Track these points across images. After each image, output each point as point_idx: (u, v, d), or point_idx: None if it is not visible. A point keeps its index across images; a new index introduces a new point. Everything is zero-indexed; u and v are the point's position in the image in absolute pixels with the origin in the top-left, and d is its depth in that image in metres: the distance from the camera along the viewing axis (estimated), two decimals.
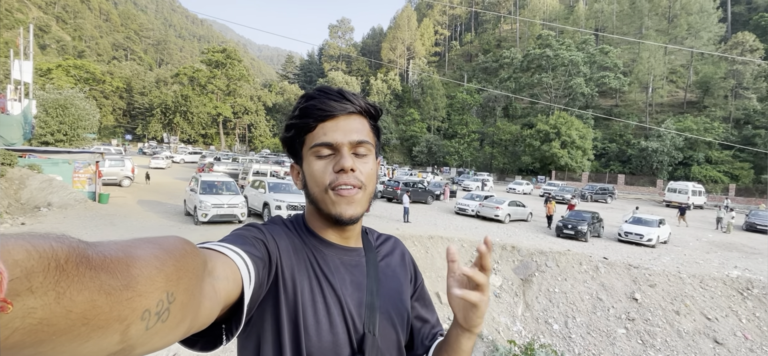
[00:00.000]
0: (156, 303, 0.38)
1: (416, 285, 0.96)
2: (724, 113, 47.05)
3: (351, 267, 0.83)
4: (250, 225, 0.76)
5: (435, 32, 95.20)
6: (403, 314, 0.87)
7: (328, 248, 0.82)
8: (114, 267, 0.34)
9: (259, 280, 0.64)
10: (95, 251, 0.34)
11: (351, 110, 0.79)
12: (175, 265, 0.41)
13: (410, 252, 1.00)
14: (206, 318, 0.50)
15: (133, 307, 0.35)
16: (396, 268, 0.91)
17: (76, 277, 0.31)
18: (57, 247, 0.30)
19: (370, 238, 0.93)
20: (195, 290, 0.45)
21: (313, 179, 0.78)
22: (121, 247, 0.37)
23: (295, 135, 0.80)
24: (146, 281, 0.37)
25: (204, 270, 0.49)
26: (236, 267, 0.58)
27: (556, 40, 54.24)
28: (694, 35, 52.30)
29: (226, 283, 0.55)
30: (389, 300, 0.85)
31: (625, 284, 12.79)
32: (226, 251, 0.60)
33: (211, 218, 12.13)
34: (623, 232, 16.66)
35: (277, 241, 0.75)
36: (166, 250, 0.42)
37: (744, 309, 11.94)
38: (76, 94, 19.19)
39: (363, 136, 0.79)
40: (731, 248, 17.26)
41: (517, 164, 51.33)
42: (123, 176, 19.39)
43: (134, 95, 75.22)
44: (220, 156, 37.51)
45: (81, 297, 0.31)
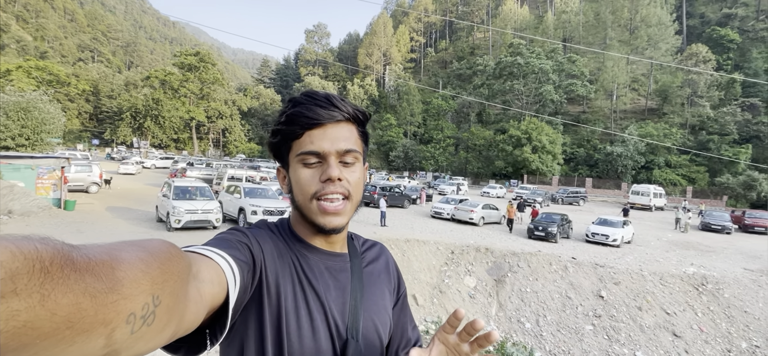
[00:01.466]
0: (141, 307, 0.37)
1: (399, 293, 0.96)
2: (681, 119, 49.84)
3: (335, 272, 0.82)
4: (234, 229, 0.75)
5: (411, 39, 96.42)
6: (385, 320, 0.86)
7: (312, 253, 0.81)
8: (99, 269, 0.34)
9: (244, 284, 0.64)
10: (80, 253, 0.33)
11: (339, 118, 0.77)
12: (161, 268, 0.41)
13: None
14: (191, 322, 0.49)
15: (118, 310, 0.34)
16: (380, 274, 0.92)
17: (61, 279, 0.30)
18: (41, 249, 0.30)
19: (356, 243, 0.93)
20: (180, 293, 0.45)
21: (299, 187, 0.77)
22: (105, 250, 0.37)
23: (281, 141, 0.79)
24: (131, 284, 0.36)
25: (189, 273, 0.49)
26: (221, 271, 0.58)
27: (526, 48, 56.08)
28: (653, 46, 55.29)
29: (211, 286, 0.54)
30: (373, 306, 0.84)
31: (592, 282, 13.41)
32: (210, 254, 0.59)
33: (184, 225, 11.91)
34: (590, 233, 17.41)
35: (261, 245, 0.74)
36: (151, 253, 0.41)
37: (699, 304, 12.75)
38: (39, 97, 18.39)
39: (350, 144, 0.78)
40: (688, 246, 18.35)
41: (490, 168, 52.55)
42: (90, 182, 18.71)
43: (102, 98, 72.37)
44: (193, 161, 36.66)
45: (66, 300, 0.30)
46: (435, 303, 12.40)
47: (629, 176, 44.94)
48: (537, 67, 52.11)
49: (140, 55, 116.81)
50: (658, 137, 44.01)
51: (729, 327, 12.01)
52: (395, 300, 0.95)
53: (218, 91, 74.87)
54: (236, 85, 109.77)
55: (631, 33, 57.42)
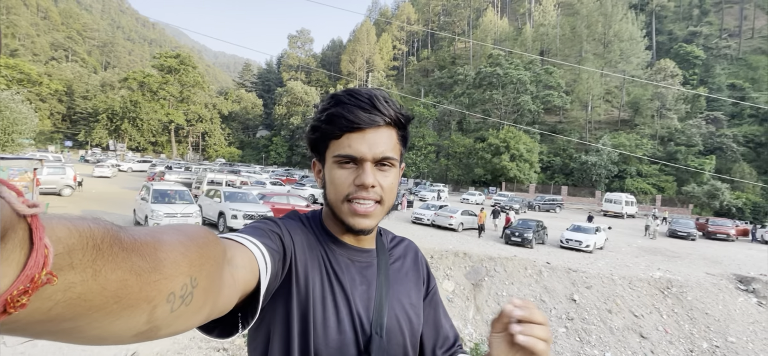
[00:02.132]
0: (180, 287, 0.39)
1: (428, 289, 0.96)
2: (651, 130, 52.00)
3: (362, 267, 0.84)
4: (266, 218, 0.77)
5: (393, 47, 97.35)
6: (412, 317, 0.86)
7: (340, 248, 0.83)
8: (143, 249, 0.36)
9: (274, 271, 0.66)
10: (127, 234, 0.36)
11: (380, 123, 0.77)
12: (199, 252, 0.43)
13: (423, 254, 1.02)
14: (225, 305, 0.51)
15: (159, 289, 0.37)
16: (408, 271, 0.92)
17: (111, 257, 0.33)
18: (94, 227, 0.32)
19: (384, 239, 0.94)
20: (216, 276, 0.47)
21: (333, 187, 0.78)
22: (149, 232, 0.39)
23: (320, 138, 0.80)
24: (172, 265, 0.38)
25: (224, 258, 0.51)
26: (253, 257, 0.60)
27: (505, 59, 57.52)
28: (625, 60, 57.59)
29: (244, 272, 0.56)
30: (399, 302, 0.85)
31: (565, 286, 13.91)
32: (244, 241, 0.61)
33: None
34: (564, 239, 18.01)
35: (292, 235, 0.76)
36: (190, 237, 0.44)
37: (665, 306, 13.41)
38: (11, 96, 17.84)
39: (388, 151, 0.78)
40: (656, 252, 19.20)
41: (470, 175, 53.41)
42: (63, 184, 18.21)
43: (76, 98, 70.15)
44: (171, 165, 35.99)
45: (114, 276, 0.33)
46: None
47: (603, 185, 46.50)
48: (515, 77, 53.49)
49: (118, 55, 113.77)
50: (630, 148, 45.76)
51: (691, 328, 12.68)
52: (424, 294, 0.95)
53: (198, 94, 73.73)
54: (217, 88, 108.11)
55: (604, 47, 59.69)
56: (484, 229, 19.18)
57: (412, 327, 0.86)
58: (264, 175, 35.23)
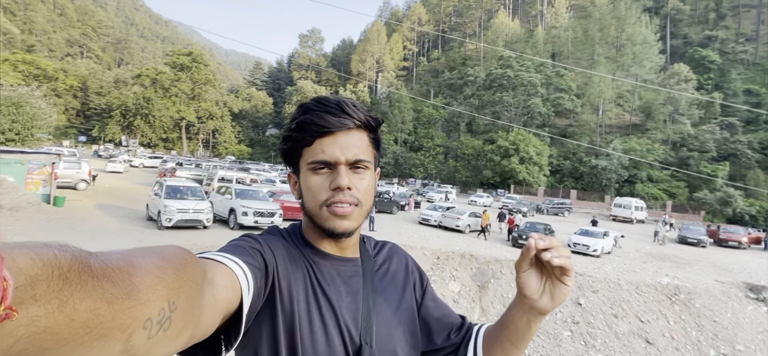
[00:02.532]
0: (157, 312, 0.38)
1: (423, 286, 0.97)
2: (663, 135, 51.33)
3: (347, 277, 0.83)
4: (246, 236, 0.76)
5: (403, 47, 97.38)
6: (402, 321, 0.86)
7: (324, 259, 0.82)
8: (116, 275, 0.34)
9: (257, 289, 0.65)
10: (97, 260, 0.34)
11: (350, 126, 0.77)
12: (176, 274, 0.41)
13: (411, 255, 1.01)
14: (207, 327, 0.50)
15: (134, 316, 0.35)
16: (395, 275, 0.92)
17: (79, 285, 0.31)
18: (60, 255, 0.30)
19: (368, 247, 0.94)
20: (196, 298, 0.45)
21: (309, 194, 0.78)
22: (122, 256, 0.37)
23: (291, 148, 0.80)
24: (148, 289, 0.37)
25: (204, 279, 0.49)
26: (235, 276, 0.59)
27: (516, 61, 57.28)
28: (638, 64, 56.93)
29: (225, 292, 0.55)
30: (387, 309, 0.85)
31: (571, 290, 13.91)
32: (224, 260, 0.60)
33: (175, 223, 12.08)
34: (572, 243, 17.97)
35: (274, 251, 0.75)
36: (167, 259, 0.42)
37: (672, 313, 13.33)
38: (32, 92, 18.36)
39: (361, 153, 0.78)
40: (665, 258, 19.04)
41: (479, 177, 53.28)
42: (79, 179, 18.67)
43: (90, 94, 71.47)
44: (182, 161, 36.55)
45: (84, 306, 0.31)
46: None
47: (613, 189, 46.03)
48: (526, 80, 53.22)
49: (131, 52, 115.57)
50: (641, 153, 45.24)
51: (699, 336, 12.59)
52: (422, 291, 0.95)
53: (210, 91, 74.62)
54: (228, 86, 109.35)
55: (617, 50, 59.09)
56: (487, 231, 19.04)
57: (403, 332, 0.85)
58: (273, 173, 35.60)
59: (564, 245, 0.71)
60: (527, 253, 0.71)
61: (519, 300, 0.78)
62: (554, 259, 0.69)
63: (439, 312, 0.94)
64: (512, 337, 0.81)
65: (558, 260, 0.69)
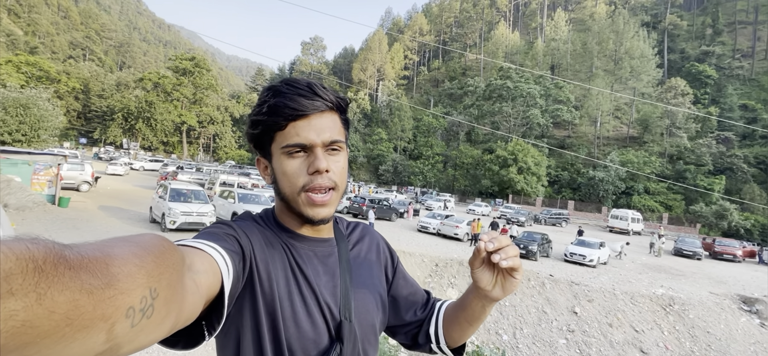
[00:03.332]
0: (139, 300, 0.38)
1: (394, 264, 1.00)
2: (660, 148, 51.78)
3: (323, 257, 0.84)
4: (219, 222, 0.75)
5: (404, 57, 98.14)
6: (377, 297, 0.90)
7: (300, 241, 0.83)
8: (93, 266, 0.34)
9: (236, 273, 0.65)
10: (72, 251, 0.34)
11: (322, 108, 0.78)
12: (155, 261, 0.41)
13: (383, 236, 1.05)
14: (190, 313, 0.50)
15: (116, 305, 0.35)
16: (368, 254, 0.94)
17: (56, 278, 0.30)
18: (33, 248, 0.30)
19: (341, 227, 0.95)
20: (177, 285, 0.45)
21: (286, 179, 0.77)
22: (98, 247, 0.37)
23: (263, 132, 0.79)
24: (127, 278, 0.36)
25: (183, 265, 0.49)
26: (214, 261, 0.59)
27: (516, 72, 57.89)
28: (635, 77, 57.58)
29: (206, 277, 0.55)
30: (363, 285, 0.87)
31: (567, 299, 14.11)
32: (201, 246, 0.60)
33: (179, 226, 12.27)
34: (569, 253, 18.18)
35: (249, 236, 0.75)
36: (144, 247, 0.42)
37: (666, 323, 13.55)
38: (39, 94, 18.64)
39: (335, 134, 0.79)
40: (660, 270, 19.26)
41: (477, 186, 53.55)
42: (82, 180, 18.88)
43: (92, 97, 71.79)
44: (183, 165, 36.75)
45: (63, 298, 0.30)
46: None
47: (610, 201, 46.34)
48: (525, 91, 53.74)
49: (133, 56, 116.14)
50: (638, 165, 45.65)
51: (692, 346, 12.80)
52: (393, 270, 0.99)
53: (211, 96, 74.98)
54: (229, 91, 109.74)
55: (615, 63, 59.78)
56: (476, 238, 19.13)
57: (378, 307, 0.90)
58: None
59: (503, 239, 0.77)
60: (478, 254, 0.77)
61: (475, 289, 0.84)
62: (502, 262, 0.74)
63: (408, 290, 1.00)
64: (469, 318, 0.89)
65: (506, 264, 0.74)
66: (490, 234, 0.77)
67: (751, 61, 65.80)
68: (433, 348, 0.96)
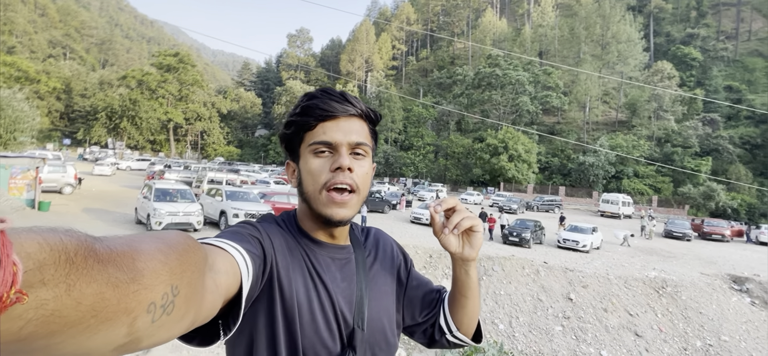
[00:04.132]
0: (161, 296, 0.38)
1: (408, 267, 1.02)
2: (648, 131, 52.29)
3: (342, 265, 0.85)
4: (245, 223, 0.78)
5: (392, 47, 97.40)
6: (390, 306, 0.91)
7: (319, 248, 0.84)
8: (120, 260, 0.35)
9: (256, 276, 0.66)
10: (102, 245, 0.35)
11: (352, 112, 0.81)
12: (179, 259, 0.42)
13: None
14: (209, 312, 0.51)
15: (139, 300, 0.36)
16: (383, 260, 0.96)
17: (85, 270, 0.31)
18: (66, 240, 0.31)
19: (356, 233, 0.97)
20: (198, 283, 0.46)
21: (309, 176, 0.80)
22: (126, 241, 0.38)
23: (294, 132, 0.82)
24: (151, 274, 0.37)
25: (205, 264, 0.50)
26: (235, 262, 0.60)
27: (504, 60, 57.77)
28: (623, 61, 57.85)
29: (226, 277, 0.56)
30: (377, 293, 0.88)
31: (562, 285, 14.11)
32: (225, 246, 0.61)
33: (165, 226, 11.92)
34: (562, 239, 18.21)
35: (272, 239, 0.76)
36: (169, 244, 0.43)
37: (659, 305, 13.63)
38: (12, 95, 17.93)
39: (362, 138, 0.82)
40: (652, 252, 19.44)
41: (468, 175, 53.61)
42: (64, 182, 18.30)
43: (74, 96, 70.01)
44: (170, 163, 36.08)
45: (90, 290, 0.31)
46: None
47: (600, 185, 46.75)
48: (514, 78, 53.69)
49: (116, 53, 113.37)
50: (627, 149, 46.03)
51: (685, 327, 12.90)
52: (407, 273, 1.00)
53: (197, 92, 73.65)
54: (216, 87, 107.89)
55: (602, 48, 59.97)
56: None
57: (390, 314, 0.90)
58: (263, 174, 35.35)
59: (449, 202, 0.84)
60: (434, 223, 0.84)
61: (452, 259, 0.89)
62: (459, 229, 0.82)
63: (422, 290, 1.00)
64: (461, 290, 0.91)
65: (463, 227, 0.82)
66: (437, 201, 0.83)
67: (734, 43, 66.62)
68: (449, 339, 0.97)
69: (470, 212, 0.83)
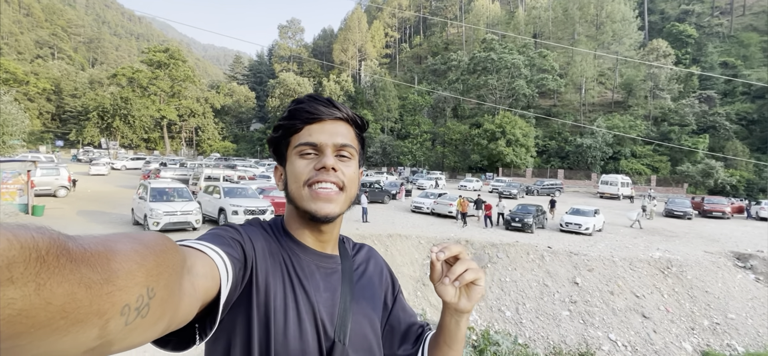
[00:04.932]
0: (136, 298, 0.37)
1: (395, 293, 0.98)
2: (644, 111, 52.18)
3: (327, 274, 0.83)
4: (227, 225, 0.76)
5: (385, 34, 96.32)
6: (375, 323, 0.87)
7: (305, 253, 0.82)
8: (94, 260, 0.34)
9: (235, 280, 0.64)
10: (75, 244, 0.33)
11: (338, 116, 0.82)
12: (156, 260, 0.41)
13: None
14: (185, 316, 0.50)
15: (112, 301, 0.34)
16: (371, 277, 0.93)
17: (57, 269, 0.30)
18: (38, 238, 0.30)
19: (347, 246, 0.95)
20: (175, 286, 0.45)
21: (293, 176, 0.80)
22: (101, 241, 0.37)
23: (281, 136, 0.82)
24: (126, 276, 0.36)
25: (184, 266, 0.49)
26: (215, 266, 0.58)
27: (499, 44, 57.20)
28: (618, 41, 57.48)
29: (204, 281, 0.55)
30: (362, 309, 0.85)
31: (567, 270, 14.00)
32: (204, 249, 0.60)
33: (163, 227, 11.66)
34: (564, 222, 18.10)
35: (253, 242, 0.74)
36: (147, 245, 0.41)
37: (665, 286, 13.56)
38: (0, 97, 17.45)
39: (347, 140, 0.82)
40: (654, 232, 19.39)
41: (466, 162, 53.44)
42: (58, 185, 17.93)
43: (64, 97, 68.93)
44: (166, 161, 35.63)
45: (61, 290, 0.30)
46: (418, 295, 12.67)
47: (598, 167, 46.74)
48: (509, 62, 53.24)
49: (105, 51, 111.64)
50: (624, 129, 45.95)
51: (692, 307, 12.85)
52: (393, 298, 0.97)
53: (190, 88, 72.74)
54: (208, 82, 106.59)
55: (597, 28, 59.48)
56: (465, 216, 18.27)
57: (376, 332, 0.86)
58: (260, 168, 34.99)
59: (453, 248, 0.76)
60: (433, 270, 0.77)
61: (445, 306, 0.82)
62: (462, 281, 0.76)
63: (406, 322, 0.96)
64: (447, 340, 0.85)
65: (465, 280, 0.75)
66: (439, 245, 0.76)
67: (729, 18, 66.21)
68: None
69: (474, 264, 0.77)
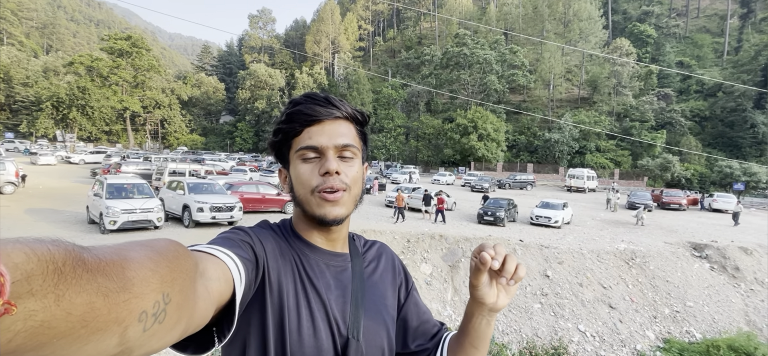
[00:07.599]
0: (152, 305, 0.38)
1: (408, 288, 0.98)
2: (608, 107, 54.35)
3: (337, 272, 0.83)
4: (236, 228, 0.77)
5: (359, 27, 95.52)
6: (388, 319, 0.87)
7: (314, 253, 0.82)
8: (109, 269, 0.35)
9: (248, 281, 0.65)
10: (90, 254, 0.34)
11: (337, 115, 0.80)
12: (169, 266, 0.42)
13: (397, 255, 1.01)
14: (201, 319, 0.51)
15: (130, 309, 0.35)
16: (383, 273, 0.92)
17: (74, 280, 0.31)
18: (54, 250, 0.31)
19: (357, 244, 0.94)
20: (189, 291, 0.46)
21: (299, 182, 0.79)
22: (114, 250, 0.38)
23: (282, 140, 0.81)
24: (142, 283, 0.37)
25: (196, 271, 0.50)
26: (227, 268, 0.59)
27: (471, 39, 57.84)
28: (584, 39, 59.49)
29: (218, 284, 0.55)
30: (375, 305, 0.85)
31: (539, 263, 14.24)
32: (215, 252, 0.61)
33: (120, 226, 10.94)
34: (534, 216, 18.46)
35: (263, 244, 0.75)
36: (159, 252, 0.42)
37: (630, 276, 14.06)
38: None
39: (348, 140, 0.80)
40: (618, 224, 20.11)
41: (440, 156, 53.91)
42: (5, 181, 16.59)
43: (15, 85, 64.13)
44: (128, 155, 33.87)
45: (80, 300, 0.31)
46: None
47: (565, 161, 48.30)
48: (481, 57, 53.97)
49: (61, 38, 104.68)
50: (589, 124, 47.66)
51: (654, 296, 13.38)
52: (406, 294, 0.96)
53: (154, 78, 69.47)
54: (175, 72, 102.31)
55: (565, 26, 61.24)
56: (402, 211, 16.80)
57: (389, 329, 0.87)
58: (231, 162, 33.87)
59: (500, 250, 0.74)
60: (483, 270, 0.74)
61: (476, 307, 0.81)
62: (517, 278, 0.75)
63: (419, 319, 0.95)
64: (474, 341, 0.84)
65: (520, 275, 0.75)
66: (493, 249, 0.74)
67: (685, 20, 69.80)
68: None
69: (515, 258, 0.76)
